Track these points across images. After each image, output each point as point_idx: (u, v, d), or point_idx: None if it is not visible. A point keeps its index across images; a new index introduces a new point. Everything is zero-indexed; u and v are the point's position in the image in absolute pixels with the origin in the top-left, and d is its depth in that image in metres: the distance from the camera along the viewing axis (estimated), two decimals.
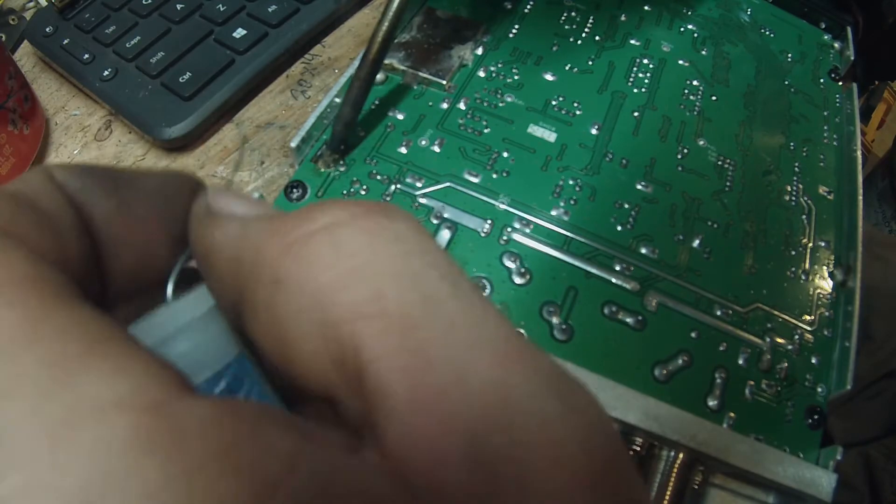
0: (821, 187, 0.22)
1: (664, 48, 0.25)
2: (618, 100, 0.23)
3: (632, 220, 0.20)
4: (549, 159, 0.21)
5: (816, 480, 0.16)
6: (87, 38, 0.32)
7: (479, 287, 0.18)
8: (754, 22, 0.27)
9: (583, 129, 0.22)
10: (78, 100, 0.33)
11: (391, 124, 0.22)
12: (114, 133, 0.31)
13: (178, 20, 0.32)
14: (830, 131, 0.24)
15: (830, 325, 0.19)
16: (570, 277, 0.19)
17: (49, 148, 0.31)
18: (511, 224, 0.19)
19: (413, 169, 0.21)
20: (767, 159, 0.23)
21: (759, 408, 0.17)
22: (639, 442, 0.17)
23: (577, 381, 0.07)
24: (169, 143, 0.30)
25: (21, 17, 0.37)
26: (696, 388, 0.17)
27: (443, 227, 0.19)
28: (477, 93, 0.23)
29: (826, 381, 0.18)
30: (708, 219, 0.21)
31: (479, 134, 0.22)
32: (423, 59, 0.23)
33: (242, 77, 0.31)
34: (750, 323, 0.19)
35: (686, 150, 0.22)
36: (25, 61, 0.35)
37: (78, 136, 0.31)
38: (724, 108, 0.24)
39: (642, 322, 0.18)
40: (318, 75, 0.33)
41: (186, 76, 0.30)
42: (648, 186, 0.21)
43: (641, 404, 0.16)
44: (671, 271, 0.19)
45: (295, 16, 0.32)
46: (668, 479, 0.16)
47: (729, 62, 0.25)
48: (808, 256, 0.20)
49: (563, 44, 0.25)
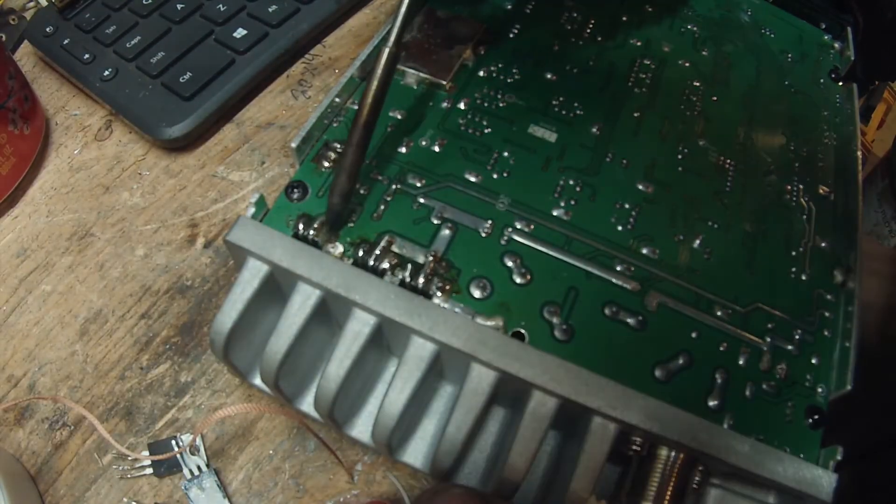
0: (821, 187, 0.22)
1: (665, 48, 0.25)
2: (618, 100, 0.23)
3: (632, 220, 0.20)
4: (549, 159, 0.21)
5: (817, 480, 0.16)
6: (88, 38, 0.32)
7: (480, 287, 0.18)
8: (755, 22, 0.27)
9: (583, 130, 0.22)
10: (78, 100, 0.33)
11: (391, 124, 0.22)
12: (114, 133, 0.31)
13: (179, 20, 0.32)
14: (830, 131, 0.24)
15: (830, 326, 0.19)
16: (571, 277, 0.19)
17: (49, 148, 0.31)
18: (511, 224, 0.20)
19: (413, 169, 0.21)
20: (768, 159, 0.23)
21: (760, 408, 0.17)
22: (639, 442, 0.17)
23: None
24: (169, 143, 0.30)
25: (21, 17, 0.37)
26: (697, 389, 0.17)
27: (443, 228, 0.19)
28: (477, 93, 0.23)
29: (826, 382, 0.18)
30: (708, 219, 0.21)
31: (479, 134, 0.22)
32: (424, 59, 0.23)
33: (243, 77, 0.31)
34: (750, 323, 0.19)
35: (686, 150, 0.22)
36: (25, 61, 0.35)
37: (78, 136, 0.31)
38: (725, 109, 0.24)
39: (643, 322, 0.18)
40: (318, 75, 0.33)
41: (187, 76, 0.30)
42: (649, 187, 0.21)
43: (641, 404, 0.16)
44: (672, 271, 0.19)
45: (295, 16, 0.32)
46: (668, 479, 0.16)
47: (729, 62, 0.25)
48: (808, 256, 0.20)
49: (563, 44, 0.25)
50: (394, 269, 0.18)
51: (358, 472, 0.22)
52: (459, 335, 0.17)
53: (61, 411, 0.24)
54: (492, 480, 0.18)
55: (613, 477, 0.19)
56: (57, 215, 0.29)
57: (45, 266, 0.27)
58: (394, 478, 0.22)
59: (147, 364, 0.24)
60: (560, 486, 0.17)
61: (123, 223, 0.28)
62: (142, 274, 0.27)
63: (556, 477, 0.19)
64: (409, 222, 0.19)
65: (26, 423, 0.23)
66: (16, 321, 0.26)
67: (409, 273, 0.18)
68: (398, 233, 0.19)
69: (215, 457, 0.22)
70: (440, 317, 0.17)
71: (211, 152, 0.30)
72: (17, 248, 0.28)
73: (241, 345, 0.19)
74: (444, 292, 0.18)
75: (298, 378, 0.20)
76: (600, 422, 0.16)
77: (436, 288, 0.18)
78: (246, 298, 0.18)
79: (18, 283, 0.27)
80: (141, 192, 0.29)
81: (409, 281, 0.18)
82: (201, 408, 0.23)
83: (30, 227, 0.28)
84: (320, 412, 0.18)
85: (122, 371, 0.24)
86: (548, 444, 0.20)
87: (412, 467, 0.19)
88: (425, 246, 0.19)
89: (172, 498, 0.22)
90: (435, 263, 0.19)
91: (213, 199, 0.29)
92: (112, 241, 0.28)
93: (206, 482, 0.22)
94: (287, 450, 0.22)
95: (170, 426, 0.23)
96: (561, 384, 0.16)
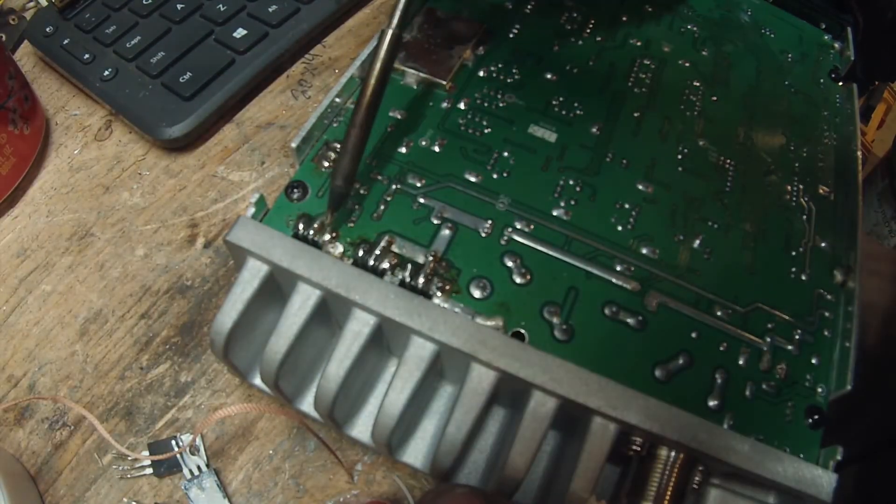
0: (821, 187, 0.22)
1: (665, 48, 0.25)
2: (618, 100, 0.23)
3: (632, 220, 0.20)
4: (549, 159, 0.21)
5: (816, 480, 0.16)
6: (88, 38, 0.32)
7: (480, 287, 0.18)
8: (755, 22, 0.27)
9: (583, 130, 0.22)
10: (78, 100, 0.33)
11: (391, 124, 0.22)
12: (114, 133, 0.31)
13: (179, 20, 0.32)
14: (830, 131, 0.24)
15: (830, 326, 0.19)
16: (571, 278, 0.19)
17: (49, 148, 0.31)
18: (511, 224, 0.20)
19: (413, 169, 0.21)
20: (767, 159, 0.23)
21: (760, 408, 0.17)
22: (639, 442, 0.17)
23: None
24: (169, 143, 0.30)
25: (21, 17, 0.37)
26: (697, 388, 0.17)
27: (443, 228, 0.19)
28: (477, 93, 0.23)
29: (826, 382, 0.18)
30: (708, 219, 0.21)
31: (479, 134, 0.22)
32: (424, 59, 0.23)
33: (243, 77, 0.31)
34: (750, 323, 0.19)
35: (686, 150, 0.22)
36: (25, 61, 0.35)
37: (78, 136, 0.31)
38: (725, 109, 0.24)
39: (643, 322, 0.18)
40: (318, 75, 0.33)
41: (187, 76, 0.30)
42: (649, 186, 0.21)
43: (641, 404, 0.16)
44: (671, 271, 0.19)
45: (295, 16, 0.32)
46: (668, 479, 0.16)
47: (729, 62, 0.25)
48: (808, 256, 0.20)
49: (563, 44, 0.25)
50: (394, 269, 0.18)
51: (358, 472, 0.22)
52: (459, 335, 0.17)
53: (61, 411, 0.24)
54: (492, 480, 0.18)
55: (613, 477, 0.19)
56: (57, 215, 0.29)
57: (45, 266, 0.27)
58: (396, 478, 0.22)
59: (147, 364, 0.24)
60: (560, 486, 0.17)
61: (123, 223, 0.28)
62: (142, 274, 0.27)
63: (557, 477, 0.19)
64: (409, 222, 0.19)
65: (26, 423, 0.23)
66: (16, 321, 0.26)
67: (409, 273, 0.18)
68: (398, 233, 0.19)
69: (215, 457, 0.22)
70: (440, 317, 0.17)
71: (211, 152, 0.30)
72: (17, 248, 0.28)
73: (240, 345, 0.19)
74: (444, 292, 0.18)
75: (298, 378, 0.20)
76: (600, 422, 0.16)
77: (436, 288, 0.18)
78: (246, 298, 0.18)
79: (18, 283, 0.27)
80: (141, 192, 0.29)
81: (409, 281, 0.18)
82: (201, 408, 0.23)
83: (30, 227, 0.28)
84: (320, 412, 0.18)
85: (122, 371, 0.24)
86: (548, 444, 0.20)
87: (412, 467, 0.19)
88: (425, 246, 0.19)
89: (172, 498, 0.22)
90: (435, 263, 0.19)
91: (213, 199, 0.29)
92: (112, 241, 0.28)
93: (206, 482, 0.22)
94: (287, 450, 0.22)
95: (170, 426, 0.23)
96: (561, 384, 0.16)
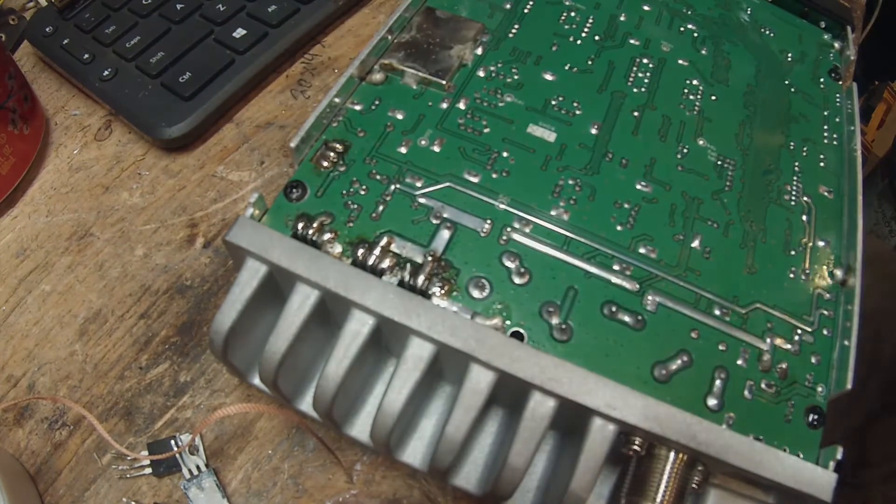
0: (821, 187, 0.22)
1: (664, 48, 0.25)
2: (617, 99, 0.23)
3: (631, 219, 0.20)
4: (548, 159, 0.21)
5: (816, 480, 0.16)
6: (87, 38, 0.32)
7: (479, 287, 0.18)
8: (754, 22, 0.27)
9: (582, 129, 0.22)
10: (78, 100, 0.33)
11: (391, 124, 0.22)
12: (114, 133, 0.31)
13: (178, 20, 0.32)
14: (830, 131, 0.24)
15: (830, 325, 0.19)
16: (570, 277, 0.19)
17: (49, 148, 0.31)
18: (511, 224, 0.19)
19: (413, 169, 0.21)
20: (767, 159, 0.23)
21: (759, 408, 0.17)
22: (639, 442, 0.17)
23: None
24: (169, 143, 0.30)
25: (21, 17, 0.37)
26: (696, 388, 0.17)
27: (442, 227, 0.19)
28: (476, 93, 0.23)
29: (826, 382, 0.18)
30: (708, 219, 0.21)
31: (478, 134, 0.22)
32: (423, 58, 0.23)
33: (242, 77, 0.31)
34: (750, 323, 0.19)
35: (686, 149, 0.22)
36: (25, 61, 0.35)
37: (78, 135, 0.31)
38: (724, 108, 0.24)
39: (642, 322, 0.18)
40: (318, 75, 0.33)
41: (186, 76, 0.30)
42: (648, 186, 0.21)
43: (641, 404, 0.16)
44: (671, 271, 0.19)
45: (295, 16, 0.32)
46: (667, 479, 0.16)
47: (729, 62, 0.25)
48: (808, 256, 0.20)
49: (562, 43, 0.25)
50: (393, 268, 0.18)
51: (357, 472, 0.22)
52: (458, 335, 0.17)
53: (61, 411, 0.23)
54: (491, 480, 0.18)
55: (613, 477, 0.19)
56: (56, 215, 0.29)
57: (45, 266, 0.27)
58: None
59: (146, 364, 0.24)
60: (559, 486, 0.17)
61: (123, 223, 0.28)
62: (141, 274, 0.26)
63: (556, 477, 0.19)
64: (409, 222, 0.19)
65: (26, 423, 0.23)
66: (15, 321, 0.26)
67: (408, 273, 0.18)
68: (397, 232, 0.19)
69: (214, 456, 0.22)
70: (439, 317, 0.17)
71: (210, 152, 0.30)
72: (16, 248, 0.28)
73: (240, 345, 0.19)
74: (443, 292, 0.18)
75: (297, 378, 0.20)
76: (599, 422, 0.16)
77: (435, 288, 0.18)
78: (245, 298, 0.18)
79: (18, 283, 0.27)
80: (140, 191, 0.29)
81: (408, 281, 0.18)
82: (200, 407, 0.23)
83: (29, 227, 0.28)
84: (319, 412, 0.18)
85: (121, 371, 0.24)
86: (547, 445, 0.19)
87: (411, 467, 0.19)
88: (424, 246, 0.19)
89: (172, 498, 0.22)
90: (434, 263, 0.18)
91: (212, 199, 0.29)
92: (111, 240, 0.28)
93: (206, 482, 0.22)
94: (286, 450, 0.22)
95: (169, 426, 0.23)
96: (560, 384, 0.16)
